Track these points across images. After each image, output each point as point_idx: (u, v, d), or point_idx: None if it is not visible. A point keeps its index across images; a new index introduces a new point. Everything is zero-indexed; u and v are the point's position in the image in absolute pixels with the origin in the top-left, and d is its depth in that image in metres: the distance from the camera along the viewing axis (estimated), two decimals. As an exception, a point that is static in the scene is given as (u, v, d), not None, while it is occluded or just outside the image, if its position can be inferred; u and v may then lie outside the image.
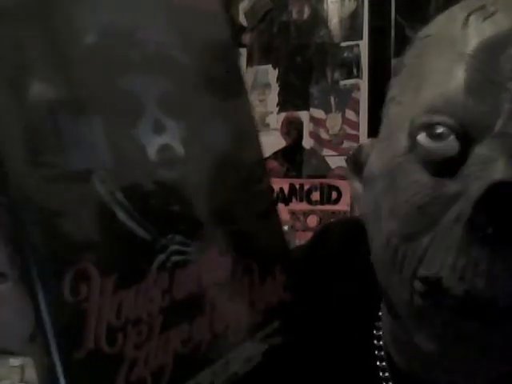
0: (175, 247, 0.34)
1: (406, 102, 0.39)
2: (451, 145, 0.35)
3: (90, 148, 0.31)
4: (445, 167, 0.35)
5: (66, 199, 0.30)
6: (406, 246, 0.36)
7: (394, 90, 0.42)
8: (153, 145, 0.34)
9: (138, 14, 0.36)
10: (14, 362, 1.22)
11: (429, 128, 0.36)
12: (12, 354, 0.32)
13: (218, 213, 0.38)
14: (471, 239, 0.33)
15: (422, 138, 0.36)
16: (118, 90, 0.33)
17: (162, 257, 0.33)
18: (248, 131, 0.42)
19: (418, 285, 0.36)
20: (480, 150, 0.34)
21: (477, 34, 0.37)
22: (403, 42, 1.69)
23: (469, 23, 0.38)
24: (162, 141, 0.35)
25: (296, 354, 0.45)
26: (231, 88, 0.41)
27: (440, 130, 0.35)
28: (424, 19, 0.43)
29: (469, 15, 0.38)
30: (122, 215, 0.32)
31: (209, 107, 0.39)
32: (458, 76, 0.36)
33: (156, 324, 0.33)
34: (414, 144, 0.37)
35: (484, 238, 0.33)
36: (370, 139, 0.45)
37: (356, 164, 0.45)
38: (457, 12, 0.40)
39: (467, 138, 0.35)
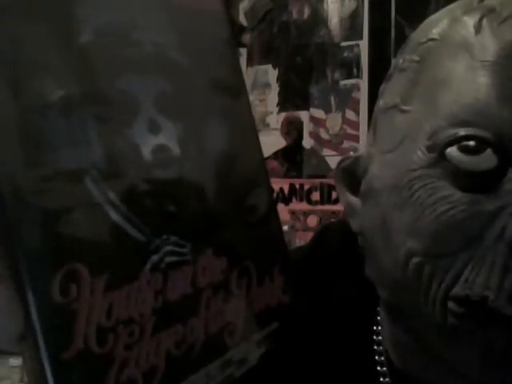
0: (169, 248, 0.34)
1: (415, 111, 0.37)
2: (487, 159, 0.33)
3: (83, 147, 0.31)
4: (479, 182, 0.33)
5: (58, 199, 0.29)
6: (434, 265, 0.34)
7: (393, 97, 0.40)
8: (148, 145, 0.34)
9: (136, 14, 0.36)
10: (14, 362, 1.22)
11: (459, 141, 0.34)
12: (11, 354, 0.32)
13: (215, 214, 0.37)
14: None
15: (452, 151, 0.34)
16: (112, 90, 0.33)
17: (155, 257, 0.33)
18: (248, 132, 0.42)
19: (452, 305, 0.34)
20: None
21: (496, 39, 0.35)
22: (403, 42, 1.67)
23: (483, 28, 0.36)
24: (157, 141, 0.35)
25: (295, 357, 0.44)
26: (231, 89, 0.41)
27: (473, 143, 0.33)
28: (424, 19, 0.42)
29: (481, 19, 0.36)
30: (114, 215, 0.32)
31: (208, 108, 0.39)
32: (485, 85, 0.34)
33: (148, 325, 0.33)
34: (437, 158, 0.35)
35: None
36: (365, 150, 0.43)
37: (350, 176, 0.43)
38: (459, 15, 0.38)
39: (503, 150, 0.33)
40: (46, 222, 0.29)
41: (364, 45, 1.88)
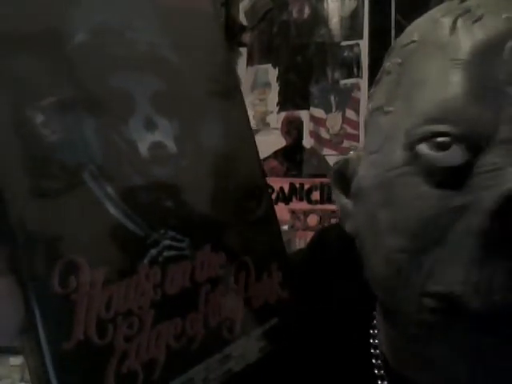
0: (167, 242, 0.35)
1: (396, 112, 0.38)
2: (455, 154, 0.34)
3: (81, 144, 0.32)
4: (449, 178, 0.34)
5: (56, 193, 0.30)
6: (411, 261, 0.35)
7: (379, 99, 0.40)
8: (144, 141, 0.35)
9: (130, 14, 0.36)
10: (15, 361, 1.22)
11: (430, 138, 0.35)
12: (12, 353, 0.32)
13: (213, 210, 0.38)
14: (485, 252, 0.32)
15: (423, 148, 0.35)
16: (108, 87, 0.34)
17: (153, 251, 0.34)
18: (243, 132, 0.43)
19: (427, 301, 0.35)
20: (487, 159, 0.33)
21: (468, 38, 0.36)
22: (403, 42, 1.67)
23: (457, 28, 0.37)
24: (153, 138, 0.35)
25: (294, 359, 0.44)
26: (224, 88, 0.42)
27: (442, 139, 0.34)
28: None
29: (455, 20, 0.37)
30: (113, 210, 0.32)
31: (203, 107, 0.40)
32: (455, 83, 0.35)
33: (147, 317, 0.33)
34: (412, 155, 0.35)
35: (498, 250, 0.32)
36: (354, 152, 0.43)
37: (342, 179, 0.44)
38: (439, 16, 0.39)
39: (471, 146, 0.34)
40: (45, 215, 0.29)
41: (364, 44, 1.88)
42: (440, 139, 0.34)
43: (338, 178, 0.44)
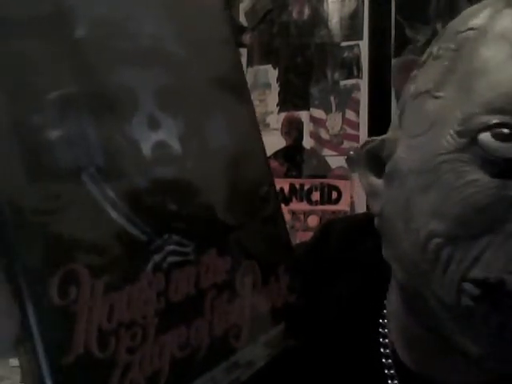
0: (172, 247, 0.33)
1: (447, 98, 0.38)
2: None
3: (80, 145, 0.30)
4: (509, 168, 0.34)
5: (54, 198, 0.29)
6: (454, 247, 0.35)
7: (425, 83, 0.40)
8: (147, 141, 0.33)
9: (133, 7, 0.35)
10: (15, 362, 1.21)
11: (493, 128, 0.35)
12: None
13: (219, 213, 0.37)
14: None
15: (485, 137, 0.35)
16: (109, 84, 0.32)
17: (157, 257, 0.33)
18: (250, 130, 0.41)
19: (469, 286, 0.35)
20: None
21: None
22: (403, 42, 1.69)
23: None
24: (157, 137, 0.34)
25: (301, 353, 0.44)
26: (232, 85, 0.40)
27: (507, 130, 0.34)
28: (424, 19, 0.43)
29: None
30: (114, 214, 0.31)
31: (209, 104, 0.38)
32: None
33: (151, 327, 0.32)
34: (468, 143, 0.36)
35: None
36: (391, 133, 0.43)
37: (375, 158, 0.43)
38: (502, 7, 0.39)
39: None
40: (42, 222, 0.28)
41: (364, 45, 1.88)
42: (505, 130, 0.35)
43: (370, 158, 0.44)
